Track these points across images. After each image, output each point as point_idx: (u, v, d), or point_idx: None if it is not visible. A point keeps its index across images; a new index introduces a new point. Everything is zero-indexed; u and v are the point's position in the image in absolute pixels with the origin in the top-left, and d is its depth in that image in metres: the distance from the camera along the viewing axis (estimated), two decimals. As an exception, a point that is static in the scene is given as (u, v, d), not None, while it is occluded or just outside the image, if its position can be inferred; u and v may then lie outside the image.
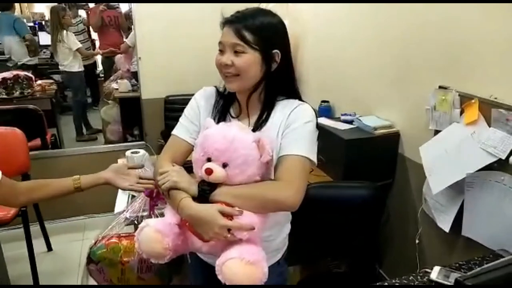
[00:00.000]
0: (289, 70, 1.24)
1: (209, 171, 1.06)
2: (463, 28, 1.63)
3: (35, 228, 2.60)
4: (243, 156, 1.07)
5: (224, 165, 1.07)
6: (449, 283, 1.27)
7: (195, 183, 1.12)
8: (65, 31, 4.08)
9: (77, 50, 4.20)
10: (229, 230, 1.03)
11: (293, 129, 1.17)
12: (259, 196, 1.08)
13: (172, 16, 3.15)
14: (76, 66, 4.28)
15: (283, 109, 1.21)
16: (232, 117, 1.27)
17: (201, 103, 1.30)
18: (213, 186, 1.09)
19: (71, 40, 4.14)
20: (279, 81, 1.22)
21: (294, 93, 1.25)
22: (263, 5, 2.75)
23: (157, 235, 1.10)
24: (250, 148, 1.08)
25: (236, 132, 1.09)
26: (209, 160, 1.09)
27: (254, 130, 1.18)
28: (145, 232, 1.13)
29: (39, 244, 2.71)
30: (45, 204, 2.74)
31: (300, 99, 1.25)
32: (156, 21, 3.12)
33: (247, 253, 1.03)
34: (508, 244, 1.41)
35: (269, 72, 1.19)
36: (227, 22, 1.17)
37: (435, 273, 1.31)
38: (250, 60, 1.14)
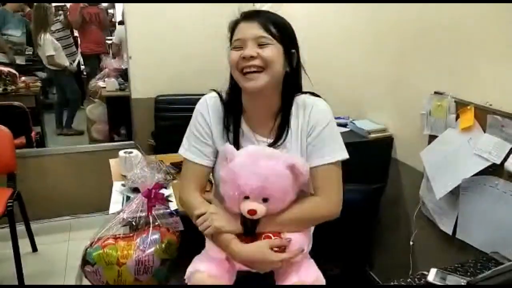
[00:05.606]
0: (300, 75, 1.23)
1: (252, 213, 1.05)
2: (459, 34, 1.66)
3: (19, 228, 2.52)
4: (281, 189, 1.06)
5: (264, 200, 1.05)
6: (444, 285, 1.29)
7: (236, 220, 1.10)
8: (43, 35, 3.88)
9: (47, 57, 3.96)
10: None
11: (317, 135, 1.15)
12: (304, 218, 1.13)
13: (164, 14, 3.07)
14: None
15: (297, 112, 1.18)
16: (244, 131, 1.20)
17: (210, 119, 1.19)
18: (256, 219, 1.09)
19: (47, 46, 3.93)
20: (294, 85, 1.20)
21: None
22: (258, 5, 2.73)
23: (212, 280, 1.09)
24: (286, 178, 1.05)
25: (266, 165, 1.04)
26: (246, 197, 1.06)
27: (275, 142, 1.16)
28: (197, 279, 1.10)
29: (23, 245, 2.62)
30: (29, 204, 2.67)
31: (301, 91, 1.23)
32: (148, 19, 3.05)
33: (306, 275, 1.11)
34: (501, 248, 1.45)
35: (287, 73, 1.15)
36: (245, 17, 1.13)
37: (432, 276, 1.33)
38: (276, 52, 1.09)
